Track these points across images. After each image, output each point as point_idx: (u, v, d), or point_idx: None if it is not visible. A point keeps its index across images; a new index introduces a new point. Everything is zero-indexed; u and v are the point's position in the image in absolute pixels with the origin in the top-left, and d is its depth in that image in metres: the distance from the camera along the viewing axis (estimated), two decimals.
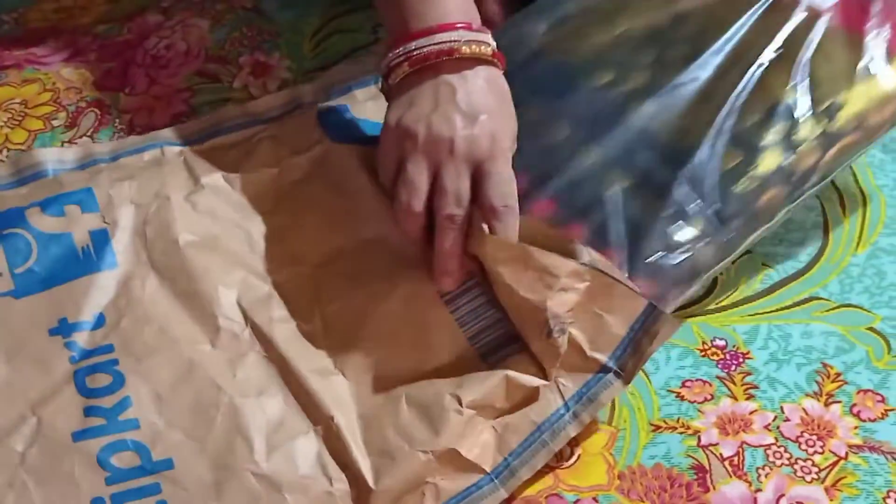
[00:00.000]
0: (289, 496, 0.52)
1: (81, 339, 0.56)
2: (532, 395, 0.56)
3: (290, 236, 0.62)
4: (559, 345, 0.56)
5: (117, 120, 0.75)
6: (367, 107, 0.69)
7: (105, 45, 0.82)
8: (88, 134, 0.74)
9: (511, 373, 0.56)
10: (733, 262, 0.68)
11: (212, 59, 0.80)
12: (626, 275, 0.59)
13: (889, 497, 0.57)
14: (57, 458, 0.52)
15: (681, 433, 0.59)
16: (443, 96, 0.57)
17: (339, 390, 0.56)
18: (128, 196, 0.62)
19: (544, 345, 0.56)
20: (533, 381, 0.57)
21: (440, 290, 0.58)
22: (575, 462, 0.58)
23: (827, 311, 0.66)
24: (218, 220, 0.62)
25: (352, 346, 0.58)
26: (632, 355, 0.57)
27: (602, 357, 0.57)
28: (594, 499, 0.56)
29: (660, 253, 0.60)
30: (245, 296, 0.59)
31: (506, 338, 0.58)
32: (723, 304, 0.66)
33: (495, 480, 0.54)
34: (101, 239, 0.60)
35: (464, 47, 0.57)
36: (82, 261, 0.59)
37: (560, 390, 0.56)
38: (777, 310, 0.66)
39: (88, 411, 0.54)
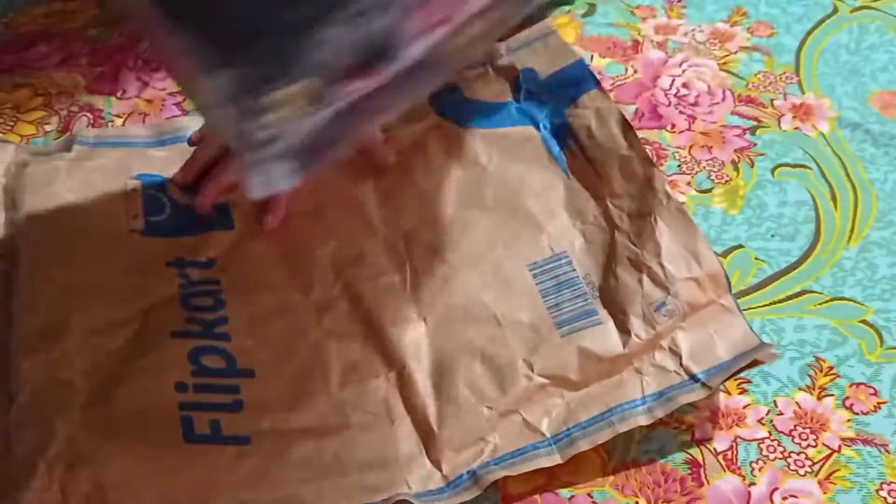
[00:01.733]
0: (353, 422, 0.57)
1: (193, 273, 0.63)
2: (607, 371, 0.59)
3: (393, 200, 0.67)
4: (658, 323, 0.59)
5: (110, 124, 0.75)
6: (476, 86, 0.73)
7: (96, 49, 0.82)
8: None
9: (584, 345, 0.59)
10: (725, 257, 0.68)
11: None
12: None
13: (882, 489, 0.57)
14: (153, 346, 0.59)
15: (674, 428, 0.59)
16: None
17: (417, 338, 0.60)
18: None
19: (645, 317, 0.60)
20: (609, 351, 0.59)
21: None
22: (569, 458, 0.58)
23: (819, 304, 0.66)
24: (327, 188, 0.67)
25: (438, 297, 0.62)
26: (724, 374, 0.58)
27: (695, 369, 0.58)
28: (589, 494, 0.57)
29: None
30: (338, 256, 0.64)
31: (585, 312, 0.61)
32: None
33: (553, 446, 0.56)
34: (223, 208, 0.67)
35: None
36: (204, 221, 0.66)
37: (642, 386, 0.58)
38: (770, 304, 0.66)
39: (188, 320, 0.60)
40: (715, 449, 0.59)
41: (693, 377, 0.58)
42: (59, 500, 0.51)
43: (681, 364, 0.58)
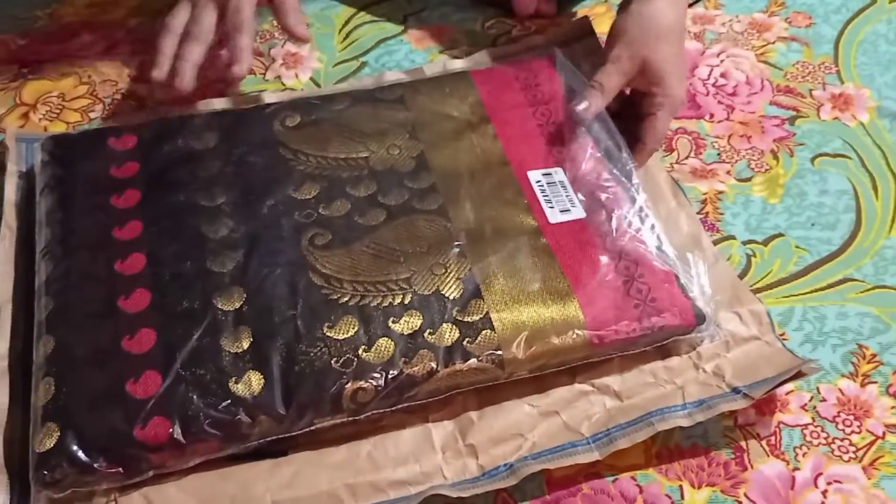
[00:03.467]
0: (387, 423, 0.57)
1: None
2: (650, 383, 0.59)
3: None
4: (698, 343, 0.61)
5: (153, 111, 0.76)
6: None
7: (138, 38, 0.83)
8: None
9: (627, 359, 0.60)
10: (766, 245, 0.68)
11: None
12: None
13: None
14: None
15: (718, 414, 0.60)
16: None
17: None
18: None
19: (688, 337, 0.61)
20: (651, 366, 0.60)
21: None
22: None
23: (861, 292, 0.66)
24: None
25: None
26: (766, 386, 0.58)
27: (738, 384, 0.59)
28: (632, 478, 0.57)
29: None
30: None
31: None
32: (757, 286, 0.66)
33: (592, 444, 0.56)
34: None
35: None
36: None
37: (683, 395, 0.59)
38: (811, 291, 0.66)
39: None
40: (758, 434, 0.59)
41: (735, 389, 0.58)
42: None
43: (723, 381, 0.59)
